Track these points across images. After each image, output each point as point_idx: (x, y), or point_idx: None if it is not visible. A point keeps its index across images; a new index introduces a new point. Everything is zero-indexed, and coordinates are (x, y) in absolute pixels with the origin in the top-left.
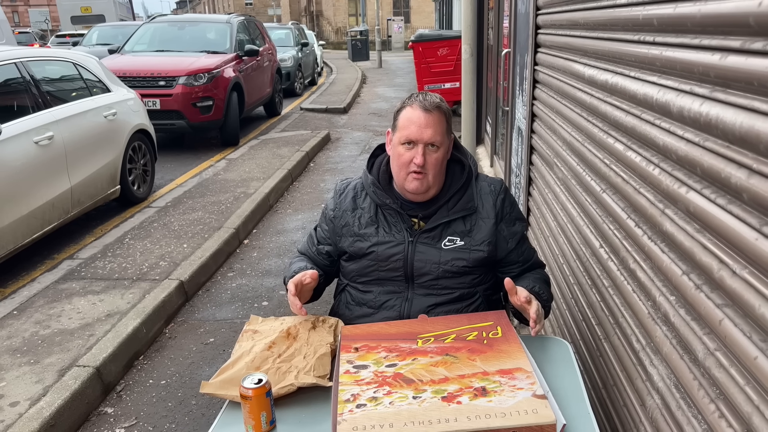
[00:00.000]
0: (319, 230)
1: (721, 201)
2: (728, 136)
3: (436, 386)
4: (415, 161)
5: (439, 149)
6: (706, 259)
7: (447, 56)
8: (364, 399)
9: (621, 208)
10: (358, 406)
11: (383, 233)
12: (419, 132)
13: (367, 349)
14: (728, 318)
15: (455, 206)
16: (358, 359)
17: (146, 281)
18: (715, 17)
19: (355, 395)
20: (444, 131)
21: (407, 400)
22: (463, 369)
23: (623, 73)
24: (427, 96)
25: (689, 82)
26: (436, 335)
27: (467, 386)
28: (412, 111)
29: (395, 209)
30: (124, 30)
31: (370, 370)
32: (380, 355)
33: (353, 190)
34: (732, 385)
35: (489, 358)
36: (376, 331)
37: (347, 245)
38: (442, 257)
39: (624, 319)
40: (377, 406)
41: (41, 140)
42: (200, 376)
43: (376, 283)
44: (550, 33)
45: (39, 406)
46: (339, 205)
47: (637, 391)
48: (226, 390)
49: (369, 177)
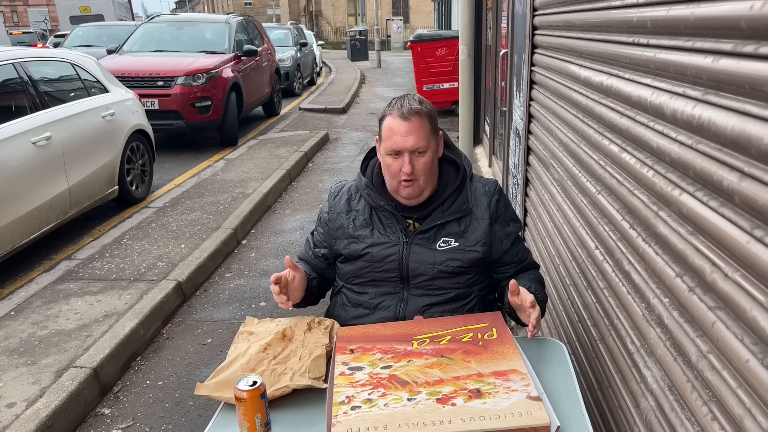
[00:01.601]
0: (316, 234)
1: (714, 204)
2: (720, 139)
3: (431, 388)
4: (403, 170)
5: (425, 153)
6: (698, 262)
7: (446, 56)
8: (359, 401)
9: (616, 209)
10: (353, 408)
11: (378, 235)
12: (402, 141)
13: (362, 351)
14: (720, 321)
15: (450, 208)
16: (354, 361)
17: (144, 282)
18: (707, 20)
19: (349, 397)
20: (427, 134)
21: (402, 402)
22: (458, 371)
23: (618, 75)
24: (405, 101)
25: (682, 84)
26: (431, 337)
27: (462, 388)
28: (392, 120)
29: (390, 211)
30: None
31: (365, 371)
32: (375, 356)
33: (347, 193)
34: (724, 388)
35: (484, 360)
36: (371, 332)
37: (342, 247)
38: (437, 258)
39: (619, 321)
40: (372, 408)
41: (39, 141)
42: (198, 376)
43: (371, 285)
44: (546, 34)
45: (36, 408)
46: (333, 207)
47: (632, 392)
48: (221, 392)
49: (363, 179)
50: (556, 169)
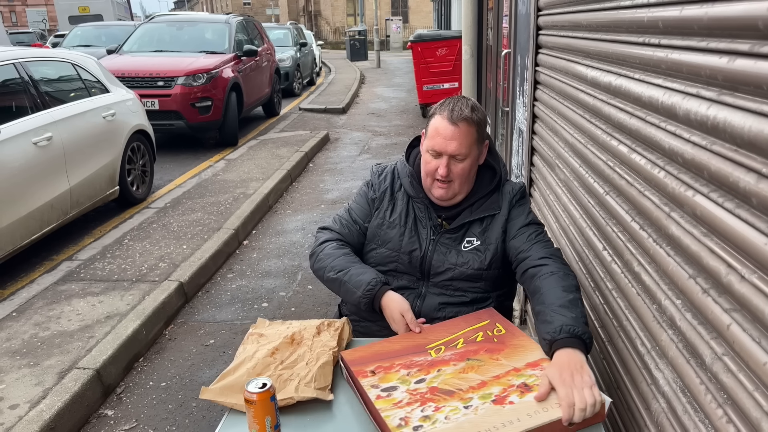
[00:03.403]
0: (357, 210)
1: (729, 205)
2: (737, 140)
3: (479, 392)
4: (439, 172)
5: (464, 160)
6: (713, 263)
7: (446, 56)
8: (417, 420)
9: (625, 210)
10: (415, 429)
11: (410, 225)
12: (444, 144)
13: (383, 371)
14: (736, 323)
15: (480, 209)
16: (381, 382)
17: (146, 282)
18: (722, 20)
19: (404, 419)
20: (472, 143)
21: (461, 412)
22: (494, 370)
23: (627, 75)
24: (458, 104)
25: (696, 85)
26: (444, 343)
27: (509, 385)
28: (440, 121)
29: (425, 204)
30: (108, 30)
31: (401, 390)
32: (401, 373)
33: (391, 175)
34: (740, 391)
35: (510, 355)
36: (379, 350)
37: (375, 225)
38: (460, 259)
39: (628, 323)
40: (434, 424)
41: (40, 141)
42: (200, 378)
43: (392, 274)
44: (551, 34)
45: (39, 409)
46: (379, 185)
47: (642, 394)
48: (226, 397)
49: (407, 167)
50: (562, 170)
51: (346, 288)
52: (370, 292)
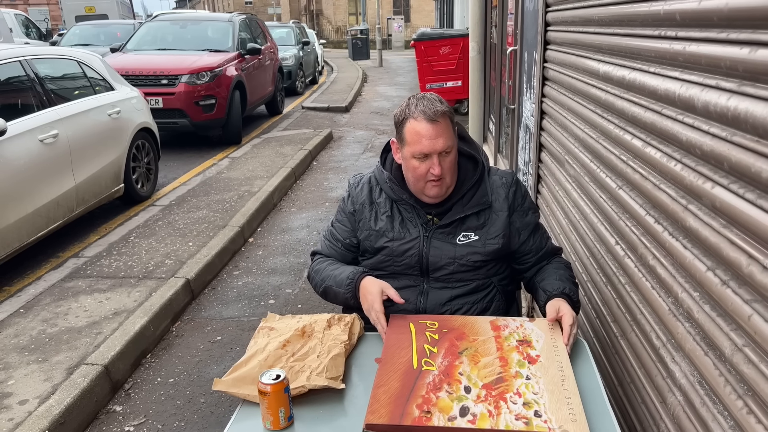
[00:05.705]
0: (338, 228)
1: (751, 196)
2: (759, 131)
3: (512, 365)
4: (433, 172)
5: (450, 153)
6: (733, 255)
7: (449, 55)
8: (521, 408)
9: (639, 204)
10: (537, 414)
11: (398, 229)
12: (431, 144)
13: (428, 405)
14: (758, 313)
15: (470, 202)
16: (443, 412)
17: (152, 279)
18: (743, 11)
19: (517, 415)
20: (452, 133)
21: (530, 383)
22: (486, 346)
23: (642, 69)
24: (426, 102)
25: (715, 76)
26: (417, 354)
27: (514, 348)
28: (418, 123)
29: (411, 204)
30: (106, 29)
31: (471, 402)
32: (444, 395)
33: (368, 184)
34: (762, 381)
35: (470, 330)
36: (389, 398)
37: (363, 238)
38: (457, 252)
39: (642, 316)
40: (536, 400)
41: (46, 138)
42: (208, 374)
43: (391, 277)
44: (560, 30)
45: (48, 404)
46: (356, 198)
47: (657, 388)
48: (239, 388)
49: (384, 173)
50: (572, 165)
51: (334, 292)
52: (350, 285)
